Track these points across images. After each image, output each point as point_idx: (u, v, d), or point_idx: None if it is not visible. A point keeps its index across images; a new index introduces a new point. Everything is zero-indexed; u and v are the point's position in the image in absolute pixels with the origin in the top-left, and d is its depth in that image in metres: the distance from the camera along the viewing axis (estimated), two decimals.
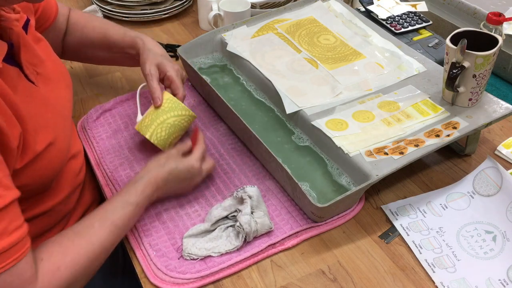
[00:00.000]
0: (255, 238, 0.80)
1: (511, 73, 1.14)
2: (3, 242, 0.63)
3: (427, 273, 0.77)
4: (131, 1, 1.37)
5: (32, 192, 0.77)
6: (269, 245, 0.80)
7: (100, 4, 1.39)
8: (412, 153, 0.85)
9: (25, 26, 0.82)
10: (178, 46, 1.21)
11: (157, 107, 0.91)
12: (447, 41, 0.90)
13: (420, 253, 0.80)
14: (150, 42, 0.99)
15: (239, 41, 1.14)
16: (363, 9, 1.28)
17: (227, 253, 0.78)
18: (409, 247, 0.81)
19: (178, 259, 0.78)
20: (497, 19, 1.02)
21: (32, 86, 0.78)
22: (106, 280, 0.91)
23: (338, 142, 0.88)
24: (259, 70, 1.05)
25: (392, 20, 1.23)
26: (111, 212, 0.76)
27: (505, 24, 1.12)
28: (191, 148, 0.88)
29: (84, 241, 0.72)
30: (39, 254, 0.69)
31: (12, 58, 0.76)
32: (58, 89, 0.85)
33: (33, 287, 0.66)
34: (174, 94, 0.94)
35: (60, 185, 0.84)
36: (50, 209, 0.83)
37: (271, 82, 1.02)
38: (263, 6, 1.36)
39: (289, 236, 0.81)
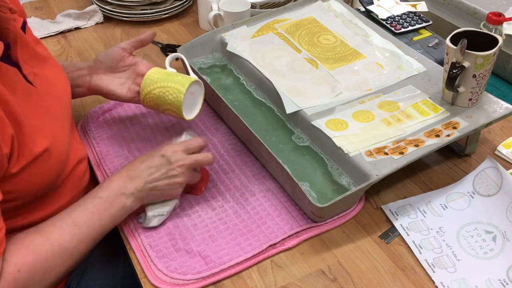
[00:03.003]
0: (255, 238, 0.80)
1: (511, 73, 1.14)
2: None
3: (427, 273, 0.77)
4: (131, 1, 1.37)
5: (31, 197, 0.76)
6: (269, 246, 0.80)
7: (100, 4, 1.39)
8: (412, 153, 0.85)
9: (23, 28, 0.82)
10: (178, 46, 1.21)
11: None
12: (447, 41, 0.90)
13: (420, 253, 0.80)
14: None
15: (239, 41, 1.14)
16: (363, 9, 1.28)
17: (227, 253, 0.79)
18: (409, 247, 0.81)
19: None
20: (497, 19, 1.02)
21: (30, 87, 0.77)
22: (107, 281, 0.91)
23: (338, 142, 0.88)
24: (259, 70, 1.05)
25: (392, 20, 1.23)
26: (75, 211, 0.75)
27: (505, 24, 1.12)
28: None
29: (44, 241, 0.71)
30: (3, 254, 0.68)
31: (10, 58, 0.76)
32: (56, 91, 0.84)
33: None
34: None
35: (64, 190, 0.83)
36: (52, 213, 0.82)
37: (271, 82, 1.02)
38: (263, 6, 1.36)
39: (289, 236, 0.81)
